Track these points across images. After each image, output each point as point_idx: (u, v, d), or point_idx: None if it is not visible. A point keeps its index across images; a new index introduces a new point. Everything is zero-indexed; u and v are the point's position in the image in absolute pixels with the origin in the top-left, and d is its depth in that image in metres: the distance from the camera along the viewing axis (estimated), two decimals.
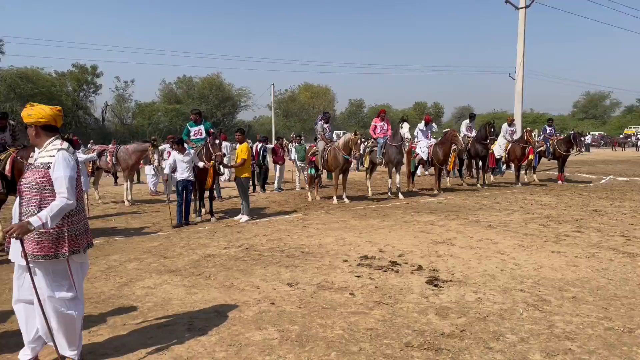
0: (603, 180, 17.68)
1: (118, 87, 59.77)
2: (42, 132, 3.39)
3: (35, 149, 3.48)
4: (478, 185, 15.78)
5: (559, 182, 16.76)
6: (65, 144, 3.41)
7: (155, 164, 12.41)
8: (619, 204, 11.42)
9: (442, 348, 3.78)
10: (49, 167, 3.27)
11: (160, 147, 13.26)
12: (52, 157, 3.29)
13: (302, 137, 17.49)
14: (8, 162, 8.10)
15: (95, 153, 12.45)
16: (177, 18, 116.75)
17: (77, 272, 3.47)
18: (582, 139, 18.96)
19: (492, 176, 17.68)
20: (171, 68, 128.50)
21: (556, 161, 17.55)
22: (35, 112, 3.35)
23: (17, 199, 3.36)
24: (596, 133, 61.10)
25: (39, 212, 3.19)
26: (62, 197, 3.19)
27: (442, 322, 4.32)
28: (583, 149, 23.09)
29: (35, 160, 3.38)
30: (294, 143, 16.64)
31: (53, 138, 3.41)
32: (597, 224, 8.94)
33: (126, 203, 12.41)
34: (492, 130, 15.26)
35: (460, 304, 4.76)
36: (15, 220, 3.33)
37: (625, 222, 9.04)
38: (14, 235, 3.03)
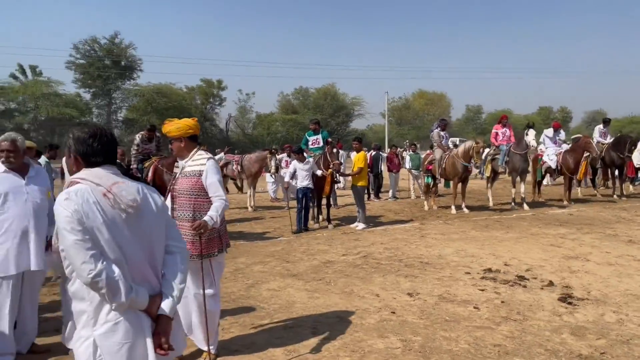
0: None
1: (240, 99, 63.41)
2: (189, 143, 3.68)
3: (178, 159, 3.79)
4: (614, 196, 14.36)
5: None
6: (209, 154, 3.72)
7: (272, 170, 13.03)
8: None
9: None
10: (200, 175, 3.57)
11: (278, 157, 13.89)
12: (203, 166, 3.58)
13: (417, 145, 17.21)
14: (151, 169, 9.02)
15: (225, 155, 13.64)
16: (292, 30, 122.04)
17: (216, 271, 3.76)
18: None
19: (631, 186, 16.01)
20: (289, 80, 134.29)
21: None
22: (182, 125, 3.61)
23: (169, 204, 3.71)
24: None
25: (192, 214, 3.52)
26: (221, 199, 3.52)
27: (578, 342, 4.00)
28: None
29: (182, 169, 3.69)
30: (408, 151, 16.45)
31: (197, 148, 3.71)
32: None
33: (249, 209, 13.12)
34: (632, 148, 13.85)
35: (599, 325, 4.38)
36: None
37: None
38: (201, 231, 3.40)
